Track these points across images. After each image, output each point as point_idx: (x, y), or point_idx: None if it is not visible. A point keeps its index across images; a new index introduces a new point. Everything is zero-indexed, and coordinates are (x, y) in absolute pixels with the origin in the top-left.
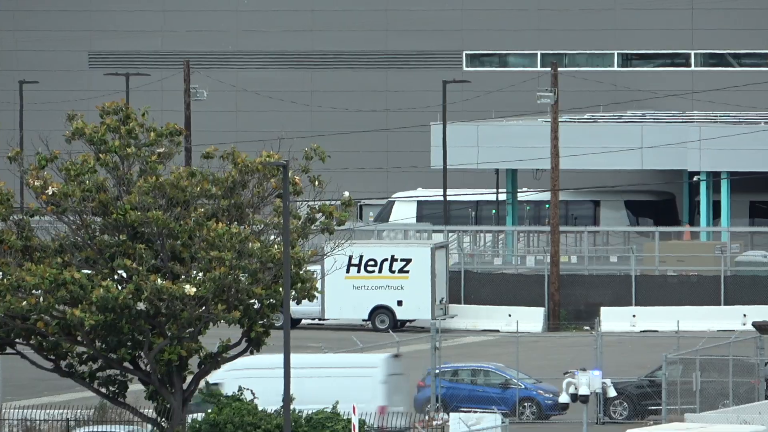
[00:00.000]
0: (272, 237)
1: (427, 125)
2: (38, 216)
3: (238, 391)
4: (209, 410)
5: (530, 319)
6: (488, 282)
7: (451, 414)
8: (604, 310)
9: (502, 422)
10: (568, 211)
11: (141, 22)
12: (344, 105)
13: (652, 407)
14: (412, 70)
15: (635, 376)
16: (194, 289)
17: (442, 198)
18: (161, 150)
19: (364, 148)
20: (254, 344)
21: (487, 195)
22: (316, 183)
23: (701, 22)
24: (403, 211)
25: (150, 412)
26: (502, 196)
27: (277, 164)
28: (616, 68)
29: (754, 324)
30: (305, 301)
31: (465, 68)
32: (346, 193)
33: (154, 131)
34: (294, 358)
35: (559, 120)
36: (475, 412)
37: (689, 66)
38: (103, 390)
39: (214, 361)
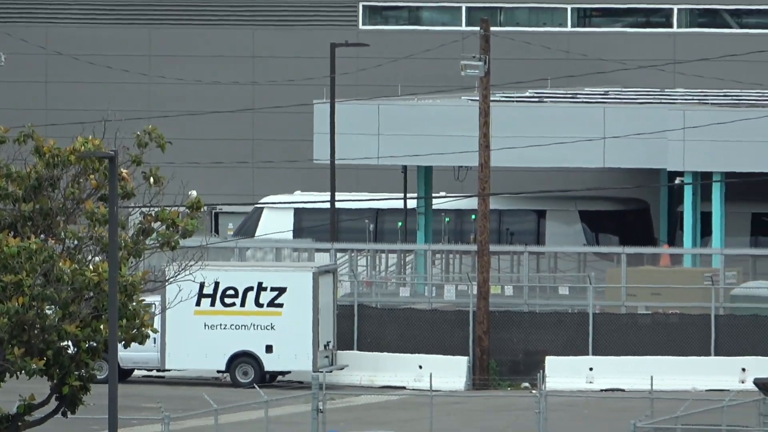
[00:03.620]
0: (90, 256)
1: (310, 104)
2: None
3: None
4: None
5: (449, 371)
6: (391, 321)
7: None
8: (550, 360)
9: None
10: (503, 225)
11: None
12: (194, 75)
13: None
14: (287, 29)
15: None
16: None
17: (328, 204)
18: None
19: (222, 135)
20: (68, 404)
21: (392, 201)
22: (152, 180)
23: None
24: (276, 222)
25: None
26: (412, 203)
27: (100, 155)
28: (569, 28)
29: (756, 382)
30: (137, 345)
31: (362, 27)
32: (193, 193)
33: None
34: None
35: (492, 99)
36: None
37: (671, 26)
38: None
39: (12, 426)
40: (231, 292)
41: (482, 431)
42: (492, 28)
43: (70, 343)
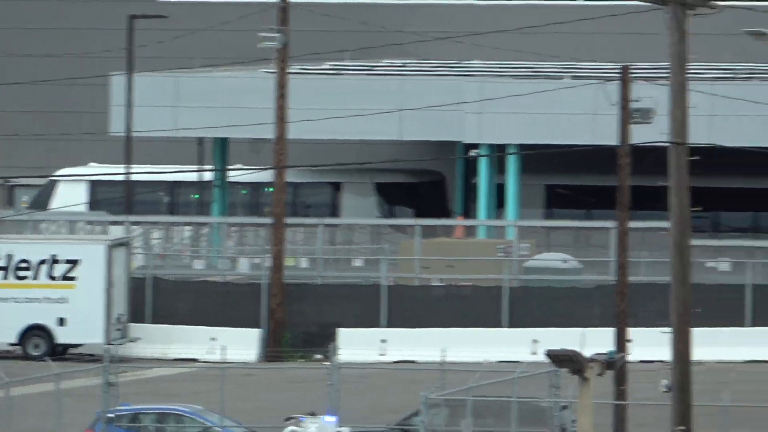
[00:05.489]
0: None
1: (107, 76)
2: None
3: None
4: None
5: (241, 344)
6: (185, 293)
7: None
8: (342, 332)
9: None
10: (299, 197)
11: None
12: None
13: None
14: (85, 0)
15: (383, 423)
16: None
17: (123, 177)
18: None
19: (17, 107)
20: None
21: (188, 174)
22: None
23: None
24: (71, 195)
25: None
26: (210, 176)
27: None
28: (368, 1)
29: (548, 353)
30: None
31: None
32: None
33: None
34: None
35: (289, 71)
36: None
37: None
38: None
39: None
40: (24, 265)
41: (274, 403)
42: (291, 0)
43: None
